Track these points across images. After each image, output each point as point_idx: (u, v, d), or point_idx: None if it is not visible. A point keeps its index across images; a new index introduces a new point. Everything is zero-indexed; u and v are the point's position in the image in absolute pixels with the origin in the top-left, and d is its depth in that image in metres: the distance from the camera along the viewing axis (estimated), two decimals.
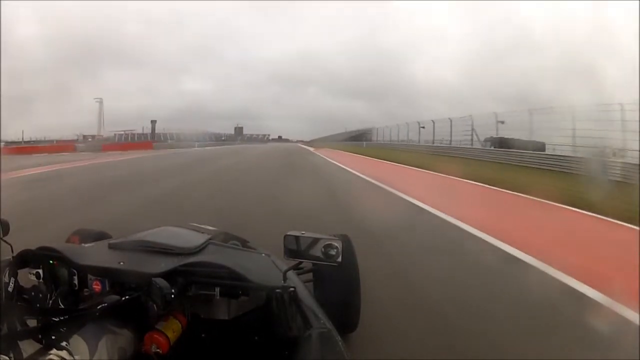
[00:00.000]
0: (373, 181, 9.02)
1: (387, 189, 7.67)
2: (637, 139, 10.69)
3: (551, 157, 13.71)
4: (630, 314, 2.29)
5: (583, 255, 3.48)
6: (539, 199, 6.35)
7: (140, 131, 41.95)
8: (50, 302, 1.00)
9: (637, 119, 10.66)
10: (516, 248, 3.57)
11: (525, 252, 3.43)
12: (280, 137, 60.26)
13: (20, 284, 0.98)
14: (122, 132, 41.25)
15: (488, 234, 4.07)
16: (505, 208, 6.32)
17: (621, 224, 4.75)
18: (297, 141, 54.50)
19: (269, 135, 58.00)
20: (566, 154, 13.23)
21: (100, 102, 37.72)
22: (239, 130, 55.97)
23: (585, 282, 2.73)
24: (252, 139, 54.95)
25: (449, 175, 9.96)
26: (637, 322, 2.19)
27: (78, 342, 0.79)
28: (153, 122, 41.70)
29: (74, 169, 12.33)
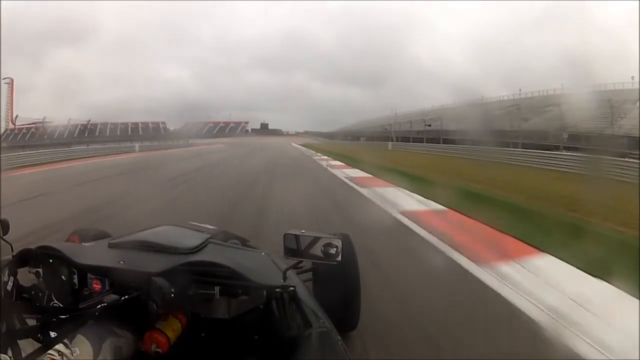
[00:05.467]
0: None
1: None
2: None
3: None
4: None
5: None
6: None
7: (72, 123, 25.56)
8: (50, 301, 1.00)
9: None
10: None
11: None
12: (265, 126, 39.17)
13: (20, 283, 0.98)
14: (27, 126, 25.61)
15: None
16: None
17: None
18: (297, 133, 38.28)
19: (245, 123, 37.84)
20: None
21: (10, 84, 22.54)
22: None
23: None
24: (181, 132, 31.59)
25: None
26: None
27: (78, 341, 0.79)
28: None
29: None
